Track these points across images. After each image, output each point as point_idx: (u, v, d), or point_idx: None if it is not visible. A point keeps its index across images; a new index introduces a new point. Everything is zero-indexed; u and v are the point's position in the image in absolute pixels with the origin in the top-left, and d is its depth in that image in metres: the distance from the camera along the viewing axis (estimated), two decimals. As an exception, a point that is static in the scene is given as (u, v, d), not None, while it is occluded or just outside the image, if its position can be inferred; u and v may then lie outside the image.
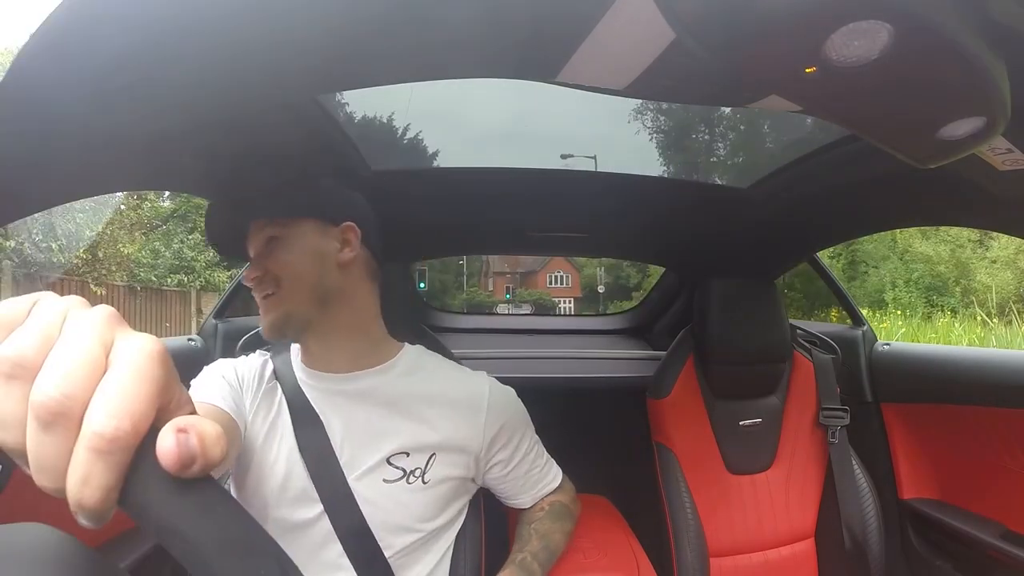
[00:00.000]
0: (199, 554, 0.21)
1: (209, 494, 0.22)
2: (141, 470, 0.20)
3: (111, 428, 0.19)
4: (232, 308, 1.31)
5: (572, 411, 1.39)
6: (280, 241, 0.69)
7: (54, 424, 0.19)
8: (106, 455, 0.19)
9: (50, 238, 6.25)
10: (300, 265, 0.68)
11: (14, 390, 0.20)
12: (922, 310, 10.83)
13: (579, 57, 0.44)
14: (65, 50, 0.36)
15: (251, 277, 0.68)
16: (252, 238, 0.71)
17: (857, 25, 0.32)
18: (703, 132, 3.88)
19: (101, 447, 0.19)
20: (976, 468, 1.05)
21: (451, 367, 0.79)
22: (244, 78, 0.46)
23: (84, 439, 0.19)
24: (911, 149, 0.45)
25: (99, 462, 0.19)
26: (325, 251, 0.70)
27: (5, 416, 0.20)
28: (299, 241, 0.69)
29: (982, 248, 11.22)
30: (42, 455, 0.20)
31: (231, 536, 0.22)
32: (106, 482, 0.19)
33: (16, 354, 0.20)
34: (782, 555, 1.12)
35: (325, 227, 0.71)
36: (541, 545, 0.73)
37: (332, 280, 0.70)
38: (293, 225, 0.69)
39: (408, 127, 1.30)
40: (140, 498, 0.20)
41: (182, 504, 0.21)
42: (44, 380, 0.20)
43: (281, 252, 0.68)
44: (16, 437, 0.20)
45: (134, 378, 0.20)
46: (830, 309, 9.95)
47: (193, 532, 0.21)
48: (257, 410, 0.69)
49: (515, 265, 23.70)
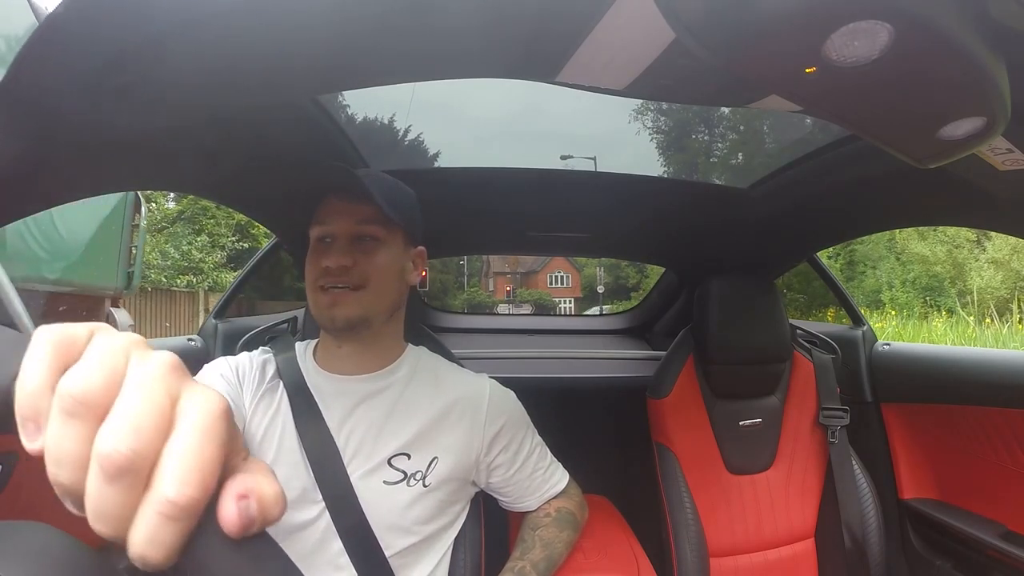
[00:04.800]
0: None
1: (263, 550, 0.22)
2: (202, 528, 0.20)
3: (184, 496, 0.19)
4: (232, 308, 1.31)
5: (572, 411, 1.39)
6: (380, 243, 0.69)
7: (120, 478, 0.19)
8: (176, 521, 0.19)
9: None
10: (389, 273, 0.70)
11: (76, 430, 0.19)
12: (919, 310, 10.88)
13: (579, 57, 0.44)
14: (65, 50, 0.36)
15: (341, 263, 0.65)
16: (345, 220, 0.67)
17: (857, 25, 0.32)
18: (703, 132, 3.88)
19: (172, 514, 0.19)
20: (976, 468, 1.05)
21: (452, 369, 0.79)
22: (244, 79, 0.46)
23: (154, 503, 0.19)
24: (911, 149, 0.45)
25: (167, 526, 0.19)
26: (404, 268, 0.73)
27: (63, 455, 0.19)
28: (393, 249, 0.70)
29: (979, 248, 11.24)
30: (104, 505, 0.19)
31: None
32: (173, 544, 0.19)
33: (81, 392, 0.19)
34: (782, 555, 1.12)
35: (408, 245, 0.74)
36: (543, 555, 0.72)
37: (403, 297, 0.75)
38: (393, 232, 0.70)
39: (409, 128, 1.30)
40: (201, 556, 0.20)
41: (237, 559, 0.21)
42: (112, 431, 0.19)
43: (380, 254, 0.68)
44: (71, 477, 0.19)
45: (203, 440, 0.20)
46: (827, 309, 9.98)
47: None
48: (256, 408, 0.68)
49: (515, 265, 23.71)
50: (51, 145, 0.44)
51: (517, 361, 1.52)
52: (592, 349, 1.69)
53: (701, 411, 1.16)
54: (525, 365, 1.52)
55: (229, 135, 0.66)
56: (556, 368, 1.56)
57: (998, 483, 1.00)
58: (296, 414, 0.68)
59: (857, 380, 1.26)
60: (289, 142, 0.76)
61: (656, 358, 1.42)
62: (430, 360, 0.79)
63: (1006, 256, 10.43)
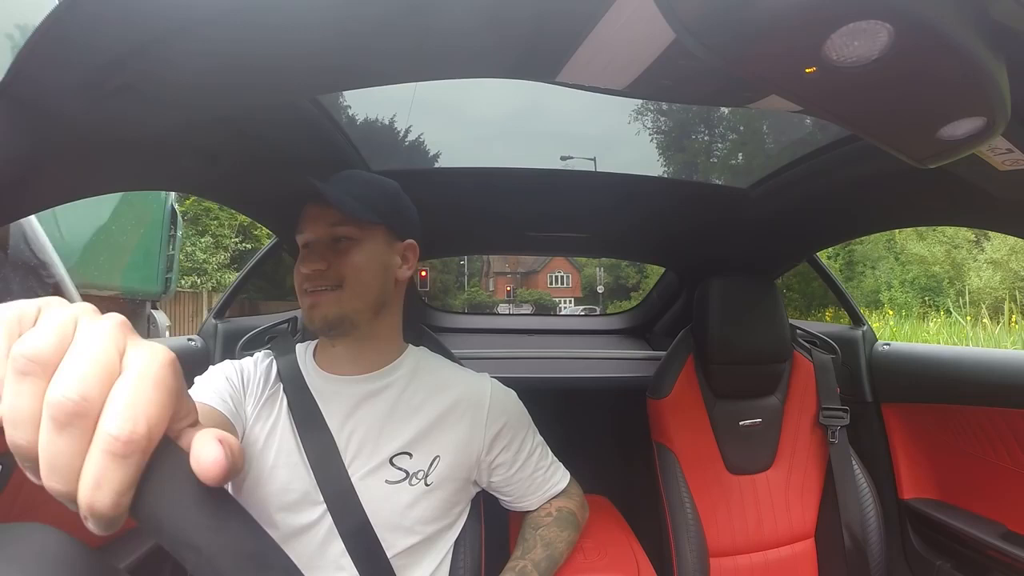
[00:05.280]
0: (213, 568, 0.21)
1: (224, 507, 0.22)
2: (154, 480, 0.20)
3: (126, 431, 0.19)
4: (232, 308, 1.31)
5: (572, 411, 1.39)
6: (355, 243, 0.68)
7: (70, 425, 0.19)
8: (120, 458, 0.19)
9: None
10: (368, 272, 0.68)
11: (28, 387, 0.20)
12: (917, 310, 10.92)
13: (579, 57, 0.44)
14: (65, 50, 0.36)
15: (315, 268, 0.66)
16: (316, 225, 0.68)
17: (857, 25, 0.32)
18: (703, 132, 3.88)
19: (116, 450, 0.19)
20: (976, 468, 1.05)
21: (453, 368, 0.79)
22: (244, 78, 0.46)
23: (99, 442, 0.19)
24: (911, 149, 0.45)
25: (113, 465, 0.19)
26: (389, 263, 0.71)
27: (18, 414, 0.20)
28: (371, 248, 0.69)
29: (977, 248, 11.26)
30: (55, 455, 0.20)
31: (245, 550, 0.22)
32: (119, 486, 0.20)
33: (32, 351, 0.20)
34: (782, 555, 1.12)
35: (392, 240, 0.72)
36: (544, 554, 0.73)
37: (389, 293, 0.72)
38: (369, 230, 0.69)
39: (410, 128, 1.31)
40: (153, 509, 0.20)
41: (197, 517, 0.21)
42: (61, 380, 0.20)
43: (354, 254, 0.68)
44: (28, 436, 0.20)
45: (148, 384, 0.21)
46: (825, 310, 10.00)
47: (208, 546, 0.21)
48: (259, 414, 0.68)
49: (516, 265, 23.73)
50: (51, 145, 0.44)
51: (517, 361, 1.53)
52: (592, 349, 1.69)
53: (701, 411, 1.16)
54: (525, 365, 1.53)
55: (229, 135, 0.66)
56: (556, 368, 1.56)
57: (998, 483, 1.00)
58: (297, 417, 0.68)
59: (857, 380, 1.26)
60: (289, 142, 0.76)
61: (656, 358, 1.42)
62: (431, 360, 0.79)
63: (1004, 256, 10.48)
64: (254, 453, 0.66)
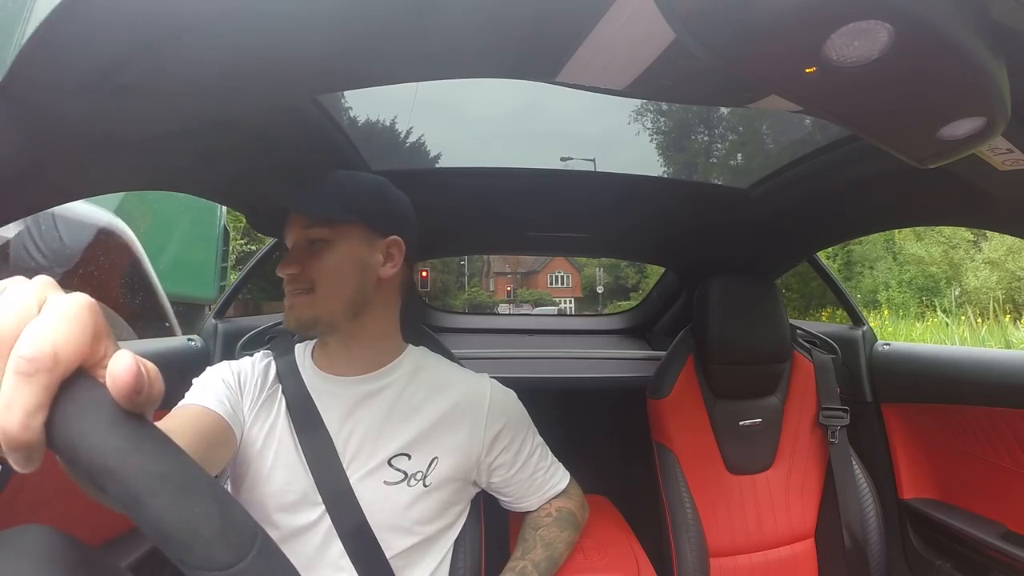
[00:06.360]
0: (131, 493, 0.20)
1: (139, 430, 0.21)
2: (69, 407, 0.21)
3: (31, 350, 0.21)
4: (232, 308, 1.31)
5: (572, 411, 1.39)
6: (326, 245, 0.67)
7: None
8: (26, 376, 0.20)
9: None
10: (340, 274, 0.67)
11: None
12: (914, 310, 10.95)
13: (579, 57, 0.44)
14: (64, 50, 0.36)
15: (287, 272, 0.66)
16: (293, 229, 0.69)
17: (857, 25, 0.32)
18: (703, 133, 3.88)
19: (21, 368, 0.20)
20: (976, 468, 1.05)
21: (453, 369, 0.79)
22: (245, 79, 0.46)
23: (9, 365, 0.21)
24: (911, 149, 0.45)
25: (19, 383, 0.20)
26: (368, 263, 0.69)
27: None
28: (344, 248, 0.67)
29: (975, 248, 11.28)
30: None
31: (163, 472, 0.21)
32: (27, 405, 0.20)
33: None
34: (782, 555, 1.12)
35: (372, 238, 0.70)
36: (544, 555, 0.72)
37: (368, 292, 0.69)
38: (342, 230, 0.68)
39: (410, 129, 1.31)
40: (69, 435, 0.20)
41: (111, 439, 0.21)
42: (21, 341, 0.21)
43: (325, 256, 0.67)
44: None
45: (59, 316, 0.22)
46: (823, 310, 10.02)
47: (120, 467, 0.20)
48: (257, 415, 0.68)
49: (516, 265, 23.74)
50: (50, 145, 0.44)
51: (517, 361, 1.52)
52: (592, 349, 1.69)
53: (701, 411, 1.16)
54: (525, 365, 1.52)
55: (230, 135, 0.66)
56: (556, 368, 1.56)
57: (998, 483, 1.00)
58: (295, 418, 0.68)
59: (857, 380, 1.26)
60: (290, 143, 0.76)
61: (656, 358, 1.42)
62: (430, 360, 0.78)
63: (1002, 256, 10.49)
64: (253, 454, 0.66)
